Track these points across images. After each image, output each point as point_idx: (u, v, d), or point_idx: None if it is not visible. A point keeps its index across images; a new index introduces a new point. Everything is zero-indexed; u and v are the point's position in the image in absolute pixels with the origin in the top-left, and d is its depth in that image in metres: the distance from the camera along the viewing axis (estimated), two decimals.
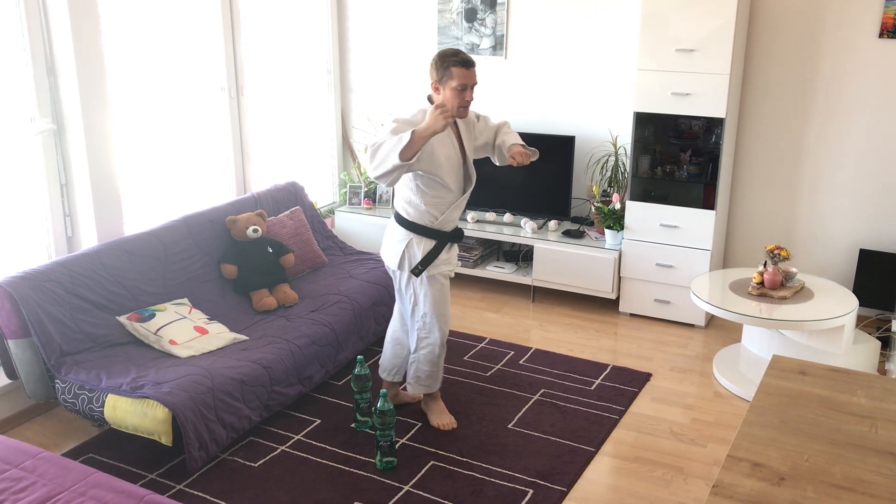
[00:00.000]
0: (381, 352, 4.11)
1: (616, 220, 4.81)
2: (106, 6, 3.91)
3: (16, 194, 3.75)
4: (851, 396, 2.32)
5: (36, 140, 3.76)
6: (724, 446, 3.50)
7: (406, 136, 2.97)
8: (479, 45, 5.35)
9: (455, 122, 3.39)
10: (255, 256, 4.22)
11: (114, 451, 3.43)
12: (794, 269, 4.09)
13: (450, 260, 3.46)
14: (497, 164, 3.57)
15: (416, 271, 3.36)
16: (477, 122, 3.51)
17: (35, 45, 3.67)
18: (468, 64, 3.19)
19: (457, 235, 3.46)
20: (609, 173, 5.06)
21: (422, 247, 3.35)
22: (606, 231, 4.87)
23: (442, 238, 3.38)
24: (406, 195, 3.36)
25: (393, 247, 3.42)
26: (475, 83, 3.24)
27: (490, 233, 5.18)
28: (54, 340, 3.38)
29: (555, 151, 5.05)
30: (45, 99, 3.75)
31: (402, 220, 3.38)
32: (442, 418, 3.62)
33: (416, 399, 3.80)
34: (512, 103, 5.35)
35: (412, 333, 3.54)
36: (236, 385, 3.37)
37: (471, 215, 5.31)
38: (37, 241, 3.87)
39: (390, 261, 3.43)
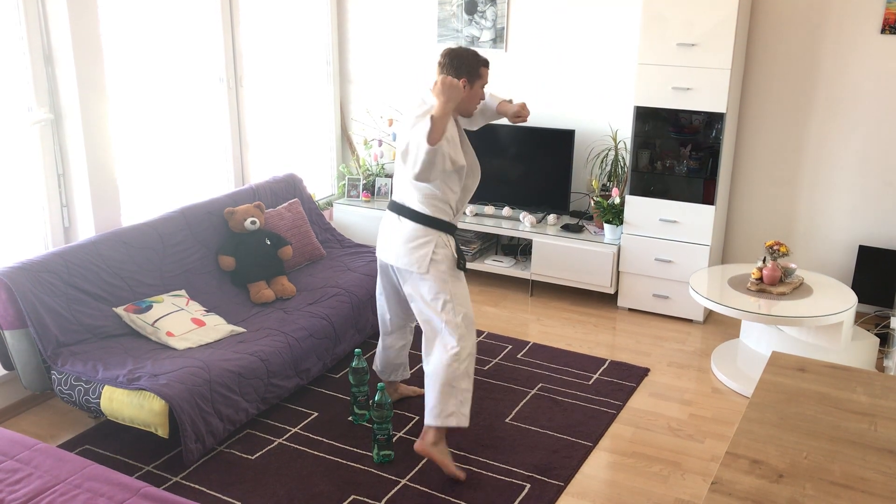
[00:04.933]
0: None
1: (615, 215, 4.80)
2: None
3: (13, 184, 3.73)
4: (851, 394, 2.31)
5: (33, 130, 3.74)
6: (721, 442, 3.50)
7: (426, 122, 2.88)
8: (479, 38, 5.32)
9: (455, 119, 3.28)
10: (253, 248, 4.21)
11: (110, 442, 3.42)
12: (793, 265, 4.08)
13: None
14: (474, 128, 3.45)
15: (462, 266, 3.19)
16: None
17: (32, 34, 3.65)
18: (489, 63, 3.24)
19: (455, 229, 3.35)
20: (609, 168, 5.05)
21: (450, 243, 3.18)
22: (605, 225, 4.86)
23: (454, 232, 3.25)
24: (427, 190, 3.14)
25: (416, 250, 3.13)
26: None
27: (489, 226, 5.17)
28: (51, 331, 3.37)
29: (554, 145, 5.04)
30: (42, 88, 3.72)
31: (423, 219, 3.14)
32: (456, 469, 3.22)
33: (417, 393, 3.78)
34: (512, 96, 5.33)
35: (446, 349, 3.15)
36: (233, 377, 3.36)
37: (469, 209, 5.29)
38: (34, 232, 3.85)
39: (416, 265, 3.13)
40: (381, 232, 3.32)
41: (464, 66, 3.14)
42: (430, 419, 3.17)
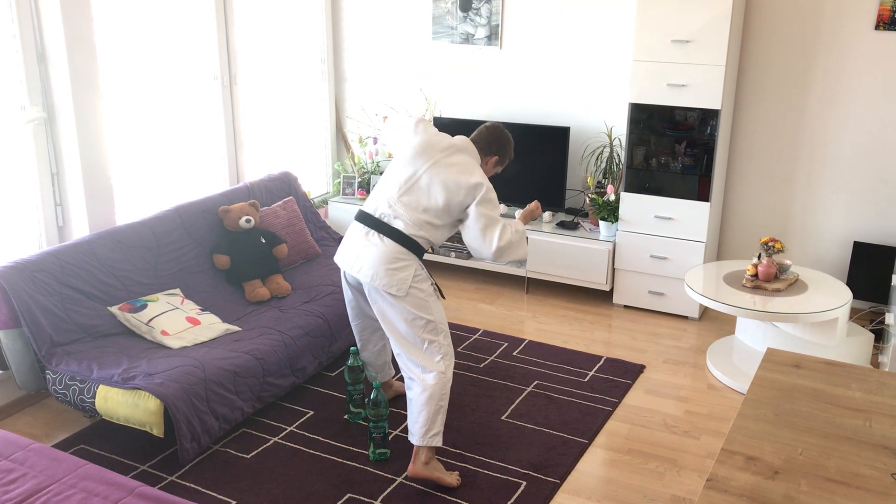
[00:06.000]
0: None
1: (610, 212, 4.80)
2: None
3: (6, 183, 3.71)
4: (846, 390, 2.31)
5: (26, 129, 3.72)
6: (717, 438, 3.50)
7: (522, 228, 3.25)
8: (473, 35, 5.32)
9: None
10: (248, 247, 4.20)
11: (105, 442, 3.41)
12: (788, 262, 4.09)
13: None
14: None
15: (437, 288, 3.23)
16: None
17: (25, 32, 3.63)
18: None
19: None
20: (604, 164, 5.04)
21: (423, 268, 3.18)
22: (601, 222, 4.86)
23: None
24: (434, 227, 3.16)
25: (397, 272, 3.06)
26: None
27: None
28: (45, 331, 3.36)
29: (549, 142, 5.03)
30: (35, 87, 3.71)
31: (412, 245, 3.11)
32: (453, 475, 3.21)
33: None
34: (507, 94, 5.33)
35: (433, 369, 3.11)
36: (229, 376, 3.35)
37: None
38: (28, 231, 3.84)
39: (396, 287, 3.06)
40: (351, 245, 3.21)
41: (499, 147, 3.35)
42: (419, 440, 3.12)
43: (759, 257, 4.06)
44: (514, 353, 4.26)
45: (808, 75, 4.57)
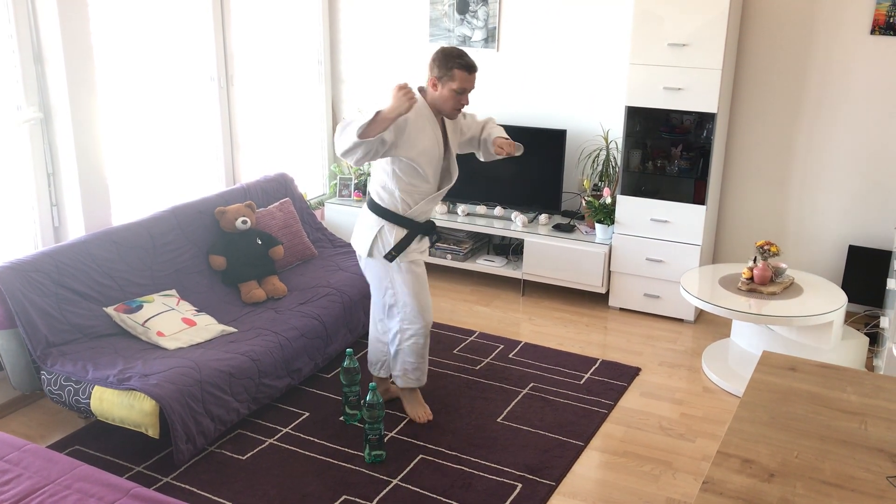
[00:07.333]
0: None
1: (606, 215, 4.81)
2: None
3: (2, 184, 3.71)
4: (841, 393, 2.32)
5: (22, 129, 3.72)
6: (712, 441, 3.51)
7: (369, 115, 3.02)
8: (470, 38, 5.32)
9: (442, 118, 3.36)
10: (244, 248, 4.19)
11: (100, 443, 3.40)
12: (783, 265, 4.10)
13: (420, 249, 3.47)
14: (482, 159, 3.58)
15: (390, 256, 3.34)
16: (464, 118, 3.49)
17: (22, 32, 3.63)
18: (472, 69, 3.18)
19: (429, 228, 3.45)
20: (600, 167, 5.05)
21: (394, 234, 3.34)
22: (597, 225, 4.87)
23: (413, 228, 3.37)
24: (382, 180, 3.34)
25: (363, 234, 3.41)
26: (473, 88, 3.24)
27: (480, 226, 5.17)
28: (40, 331, 3.35)
29: (546, 145, 5.04)
30: (31, 87, 3.70)
31: (374, 207, 3.37)
32: (417, 409, 3.61)
33: None
34: (503, 96, 5.33)
35: (393, 326, 3.51)
36: (224, 377, 3.35)
37: (461, 208, 5.29)
38: (23, 231, 3.83)
39: (360, 248, 3.42)
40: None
41: (436, 64, 3.18)
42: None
43: (755, 260, 4.07)
44: (510, 356, 4.26)
45: (804, 79, 4.58)
